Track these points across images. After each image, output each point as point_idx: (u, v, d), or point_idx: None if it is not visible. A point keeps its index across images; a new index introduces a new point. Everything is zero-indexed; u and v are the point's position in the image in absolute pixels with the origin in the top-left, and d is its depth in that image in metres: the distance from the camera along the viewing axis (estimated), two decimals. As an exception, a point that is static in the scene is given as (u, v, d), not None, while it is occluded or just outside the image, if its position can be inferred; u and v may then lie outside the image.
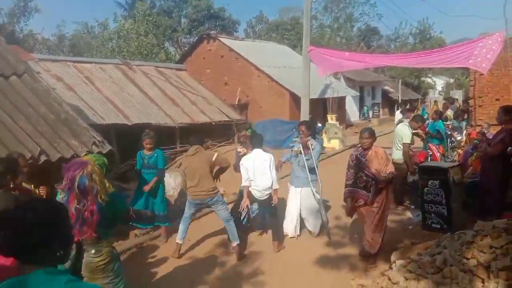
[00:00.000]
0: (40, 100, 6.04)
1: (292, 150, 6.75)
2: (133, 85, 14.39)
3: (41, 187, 4.23)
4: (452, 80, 44.07)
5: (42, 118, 5.80)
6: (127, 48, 24.19)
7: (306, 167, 6.40)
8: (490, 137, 7.42)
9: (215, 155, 6.13)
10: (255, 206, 6.52)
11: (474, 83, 13.62)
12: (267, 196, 6.15)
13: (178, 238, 6.12)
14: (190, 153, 6.09)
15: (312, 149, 6.48)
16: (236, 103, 18.13)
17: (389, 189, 5.62)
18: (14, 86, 6.02)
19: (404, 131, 7.86)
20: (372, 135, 5.49)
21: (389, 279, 4.19)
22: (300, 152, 6.49)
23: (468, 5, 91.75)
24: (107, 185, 3.48)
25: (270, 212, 6.42)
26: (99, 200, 3.34)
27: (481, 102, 13.40)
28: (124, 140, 11.03)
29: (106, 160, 3.71)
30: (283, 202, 6.96)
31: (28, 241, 1.58)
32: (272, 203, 6.21)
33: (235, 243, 5.95)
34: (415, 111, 19.03)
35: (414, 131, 8.10)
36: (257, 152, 6.16)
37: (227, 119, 15.45)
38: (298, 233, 6.71)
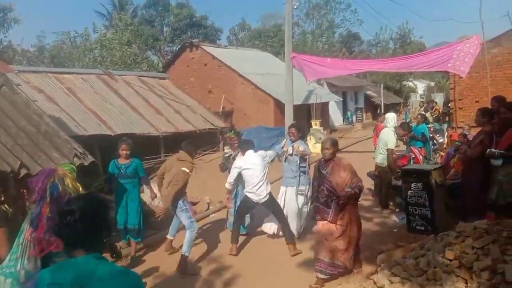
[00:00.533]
0: (20, 113, 5.95)
1: (282, 147, 6.98)
2: (116, 95, 14.29)
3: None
4: (433, 83, 44.79)
5: (22, 131, 5.72)
6: (110, 58, 24.02)
7: (287, 166, 6.68)
8: (471, 139, 7.57)
9: (185, 169, 5.87)
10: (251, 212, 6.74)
11: (454, 86, 13.86)
12: (266, 198, 6.16)
13: (168, 234, 6.46)
14: (178, 157, 6.10)
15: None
16: (221, 110, 18.14)
17: (355, 205, 5.09)
18: (-8, 99, 5.93)
19: (389, 136, 7.96)
20: (334, 145, 5.11)
21: (375, 282, 4.22)
22: (289, 154, 6.66)
23: (447, 9, 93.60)
24: (80, 189, 3.38)
25: (276, 213, 6.35)
26: None
27: (461, 105, 13.63)
28: (108, 151, 10.90)
29: (74, 167, 3.63)
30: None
31: (85, 229, 1.83)
32: (274, 204, 6.28)
33: (184, 253, 5.69)
34: (398, 114, 19.29)
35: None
36: (249, 154, 6.26)
37: (212, 127, 15.43)
38: (275, 231, 6.72)
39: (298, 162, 6.64)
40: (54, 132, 6.01)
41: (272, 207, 6.36)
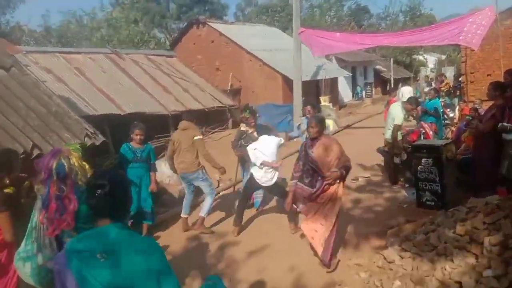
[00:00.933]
0: (30, 94, 5.98)
1: (299, 129, 7.13)
2: (124, 74, 14.28)
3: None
4: (443, 57, 43.97)
5: (33, 112, 5.76)
6: (117, 37, 23.90)
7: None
8: (483, 113, 7.47)
9: (198, 137, 6.35)
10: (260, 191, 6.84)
11: (465, 59, 13.64)
12: (270, 183, 6.16)
13: (182, 213, 6.57)
14: (181, 127, 6.47)
15: None
16: (229, 88, 18.06)
17: (340, 186, 4.88)
18: (2, 80, 5.96)
19: (397, 112, 7.88)
20: (320, 124, 4.85)
21: (385, 258, 4.26)
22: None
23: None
24: (86, 167, 3.42)
25: (281, 195, 6.32)
26: (78, 182, 3.26)
27: (472, 78, 13.43)
28: (118, 130, 10.98)
29: (79, 147, 3.65)
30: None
31: (113, 201, 2.01)
32: (278, 189, 6.32)
33: (202, 214, 6.35)
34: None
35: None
36: (263, 138, 6.28)
37: (220, 105, 15.40)
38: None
39: None
40: (64, 112, 6.04)
41: (276, 192, 6.43)
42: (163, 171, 8.82)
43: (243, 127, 7.10)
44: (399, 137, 7.88)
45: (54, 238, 3.26)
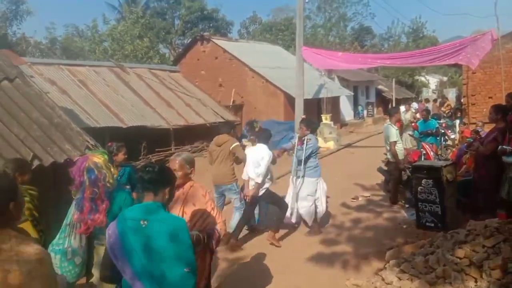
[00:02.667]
0: (33, 105, 6.01)
1: (291, 143, 7.14)
2: (127, 88, 14.37)
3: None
4: (445, 79, 44.27)
5: (35, 123, 5.78)
6: (122, 51, 24.12)
7: (295, 158, 6.71)
8: (484, 135, 7.48)
9: (235, 144, 6.48)
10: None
11: (466, 81, 13.69)
12: (262, 192, 6.19)
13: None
14: (218, 141, 6.55)
15: (306, 144, 6.62)
16: (231, 104, 18.14)
17: (205, 256, 3.45)
18: (5, 91, 5.99)
19: (390, 130, 7.93)
20: (188, 164, 3.53)
21: (383, 279, 4.22)
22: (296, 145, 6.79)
23: (461, 3, 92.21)
24: (112, 170, 3.66)
25: (275, 203, 6.47)
26: (108, 184, 3.48)
27: (474, 100, 13.47)
28: (119, 143, 11.01)
29: (105, 151, 3.93)
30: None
31: (156, 182, 2.64)
32: (272, 197, 6.34)
33: (230, 230, 6.20)
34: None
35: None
36: (259, 146, 6.31)
37: (222, 120, 15.44)
38: (294, 220, 6.78)
39: (299, 155, 6.67)
40: (66, 124, 6.06)
41: (270, 199, 6.44)
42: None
43: (245, 141, 7.18)
44: (401, 156, 7.89)
45: (85, 235, 3.54)
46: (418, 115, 14.31)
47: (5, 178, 2.19)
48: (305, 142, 6.64)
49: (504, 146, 5.45)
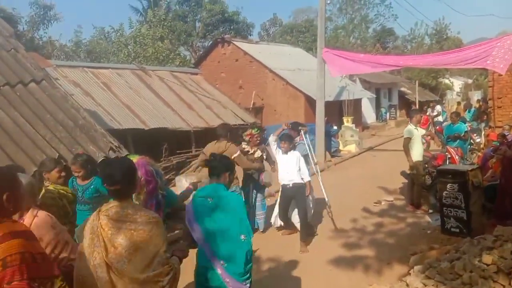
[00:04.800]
0: (58, 107, 6.14)
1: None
2: (149, 90, 14.53)
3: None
4: (470, 81, 43.36)
5: (60, 124, 5.90)
6: (143, 54, 24.43)
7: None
8: (510, 139, 7.29)
9: (237, 154, 6.29)
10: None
11: (492, 84, 13.35)
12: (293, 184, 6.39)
13: None
14: (220, 150, 6.16)
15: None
16: (251, 106, 18.16)
17: None
18: (32, 93, 6.14)
19: (407, 128, 8.14)
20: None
21: (407, 285, 4.14)
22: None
23: (486, 4, 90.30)
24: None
25: (299, 207, 6.46)
26: (159, 181, 3.70)
27: (500, 103, 13.12)
28: (141, 144, 11.14)
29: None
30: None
31: (220, 168, 3.37)
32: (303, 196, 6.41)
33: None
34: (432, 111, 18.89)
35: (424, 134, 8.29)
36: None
37: (242, 122, 15.46)
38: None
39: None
40: (90, 125, 6.17)
41: (301, 200, 6.45)
42: (184, 186, 8.85)
43: (244, 144, 6.98)
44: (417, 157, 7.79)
45: None
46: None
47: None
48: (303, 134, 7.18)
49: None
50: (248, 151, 6.84)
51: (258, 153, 6.88)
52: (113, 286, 2.35)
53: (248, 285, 3.14)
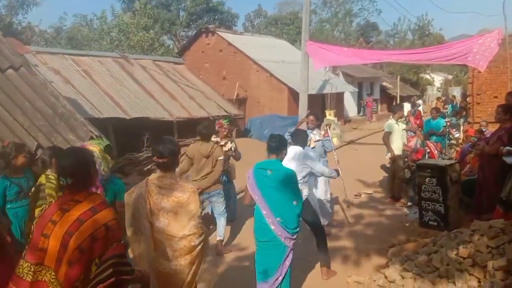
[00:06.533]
0: (37, 94, 6.01)
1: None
2: (131, 79, 14.34)
3: None
4: (450, 77, 44.06)
5: (39, 112, 5.78)
6: (128, 42, 24.05)
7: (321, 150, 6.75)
8: (488, 135, 7.43)
9: (220, 158, 5.98)
10: None
11: (472, 80, 13.58)
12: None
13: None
14: (207, 152, 5.93)
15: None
16: (234, 97, 18.10)
17: None
18: (10, 80, 5.99)
19: (388, 122, 8.29)
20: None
21: (385, 277, 4.20)
22: (316, 140, 6.65)
23: (468, 1, 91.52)
24: (108, 158, 3.84)
25: (310, 222, 5.16)
26: (102, 172, 3.63)
27: (479, 100, 13.36)
28: (122, 134, 11.01)
29: (101, 141, 4.05)
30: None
31: (276, 146, 4.11)
32: (307, 211, 4.94)
33: (220, 237, 5.97)
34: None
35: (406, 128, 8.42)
36: (290, 150, 5.31)
37: (225, 113, 15.41)
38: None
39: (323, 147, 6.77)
40: (70, 114, 6.06)
41: (307, 212, 5.01)
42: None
43: (213, 137, 6.42)
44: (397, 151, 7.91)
45: None
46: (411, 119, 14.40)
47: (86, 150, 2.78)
48: (328, 130, 7.00)
49: (506, 147, 5.41)
50: (218, 142, 6.41)
51: (228, 145, 6.70)
52: (154, 240, 2.90)
53: (295, 235, 3.95)
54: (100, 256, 2.24)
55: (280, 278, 3.91)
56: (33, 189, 4.12)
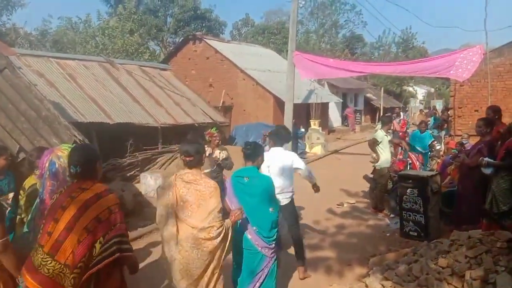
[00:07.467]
0: (21, 97, 5.93)
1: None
2: (116, 84, 14.24)
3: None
4: (433, 90, 44.87)
5: (23, 115, 5.70)
6: (112, 46, 23.90)
7: None
8: (469, 148, 7.59)
9: (207, 170, 5.93)
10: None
11: (454, 93, 13.88)
12: (287, 200, 5.16)
13: None
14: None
15: None
16: (220, 105, 18.12)
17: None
18: (-6, 82, 5.91)
19: (377, 132, 8.38)
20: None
21: (366, 285, 4.25)
22: None
23: (451, 17, 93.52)
24: None
25: (290, 224, 5.30)
26: (67, 178, 3.48)
27: (460, 113, 13.65)
28: (106, 139, 10.90)
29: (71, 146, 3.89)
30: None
31: (253, 153, 4.07)
32: (292, 212, 5.27)
33: None
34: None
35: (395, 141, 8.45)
36: (275, 151, 5.24)
37: (210, 121, 15.40)
38: None
39: None
40: (54, 117, 5.99)
41: (288, 214, 5.23)
42: (149, 183, 8.76)
43: (206, 148, 6.38)
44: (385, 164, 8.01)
45: None
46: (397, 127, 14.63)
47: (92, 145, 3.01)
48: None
49: (483, 158, 5.55)
50: (210, 154, 6.30)
51: (222, 155, 6.57)
52: (178, 229, 3.28)
53: (272, 244, 3.91)
54: (104, 236, 2.60)
55: (258, 284, 3.90)
56: (21, 192, 3.99)
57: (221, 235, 3.28)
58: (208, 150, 6.27)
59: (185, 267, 3.25)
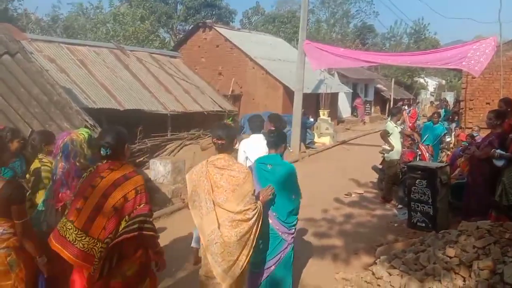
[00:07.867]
0: (33, 81, 5.99)
1: None
2: (127, 70, 14.28)
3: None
4: (444, 82, 44.41)
5: (34, 99, 5.77)
6: (123, 33, 23.90)
7: None
8: (479, 140, 7.54)
9: None
10: None
11: (465, 86, 13.76)
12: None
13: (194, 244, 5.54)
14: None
15: None
16: (230, 93, 18.10)
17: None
18: (6, 66, 5.97)
19: (387, 123, 8.29)
20: None
21: (373, 273, 4.27)
22: None
23: (464, 8, 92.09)
24: (85, 151, 3.75)
25: None
26: (77, 163, 3.61)
27: (471, 105, 13.55)
28: (116, 125, 10.97)
29: (87, 131, 3.92)
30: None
31: (276, 141, 4.08)
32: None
33: (194, 245, 5.50)
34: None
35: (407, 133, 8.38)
36: (256, 137, 5.27)
37: (219, 109, 15.42)
38: None
39: None
40: (66, 102, 6.05)
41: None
42: (158, 169, 8.83)
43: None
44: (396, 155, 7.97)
45: (58, 209, 3.59)
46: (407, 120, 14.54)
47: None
48: None
49: (498, 150, 5.52)
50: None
51: (237, 145, 6.48)
52: (215, 213, 3.31)
53: (292, 230, 4.02)
54: (129, 214, 2.78)
55: (273, 267, 3.97)
56: (27, 175, 4.03)
57: (255, 215, 3.39)
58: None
59: (227, 250, 3.35)
